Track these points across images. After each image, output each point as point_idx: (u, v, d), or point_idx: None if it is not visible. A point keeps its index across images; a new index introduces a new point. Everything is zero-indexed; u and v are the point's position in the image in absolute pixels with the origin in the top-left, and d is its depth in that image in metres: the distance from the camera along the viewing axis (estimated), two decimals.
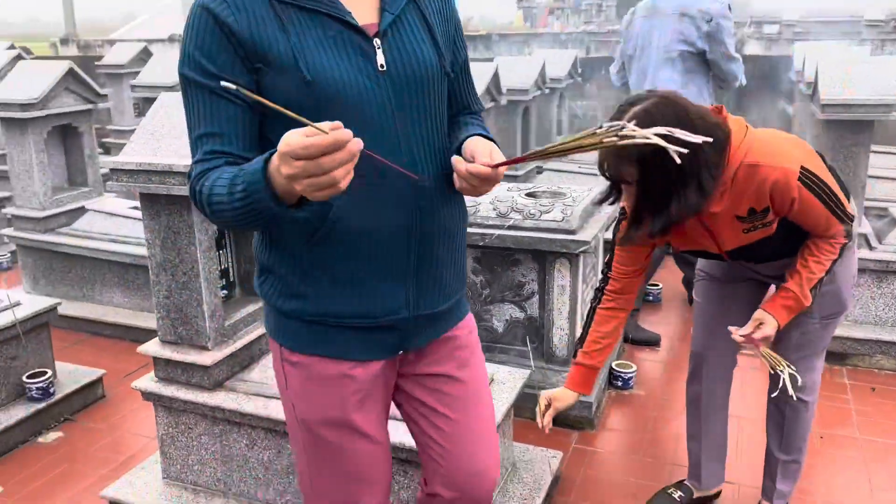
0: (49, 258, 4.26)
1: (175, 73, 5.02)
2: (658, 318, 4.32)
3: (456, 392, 1.55)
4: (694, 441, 2.55)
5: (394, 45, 1.31)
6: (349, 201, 1.27)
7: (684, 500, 2.58)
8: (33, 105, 4.05)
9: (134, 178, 2.30)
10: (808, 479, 2.76)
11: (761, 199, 1.87)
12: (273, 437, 2.42)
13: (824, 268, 1.96)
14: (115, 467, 2.90)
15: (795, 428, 2.34)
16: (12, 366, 3.17)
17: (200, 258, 2.39)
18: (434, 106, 1.37)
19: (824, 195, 1.87)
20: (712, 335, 2.35)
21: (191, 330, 2.47)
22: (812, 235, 1.97)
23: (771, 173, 1.82)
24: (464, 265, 1.55)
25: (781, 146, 1.89)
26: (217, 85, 1.22)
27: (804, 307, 2.00)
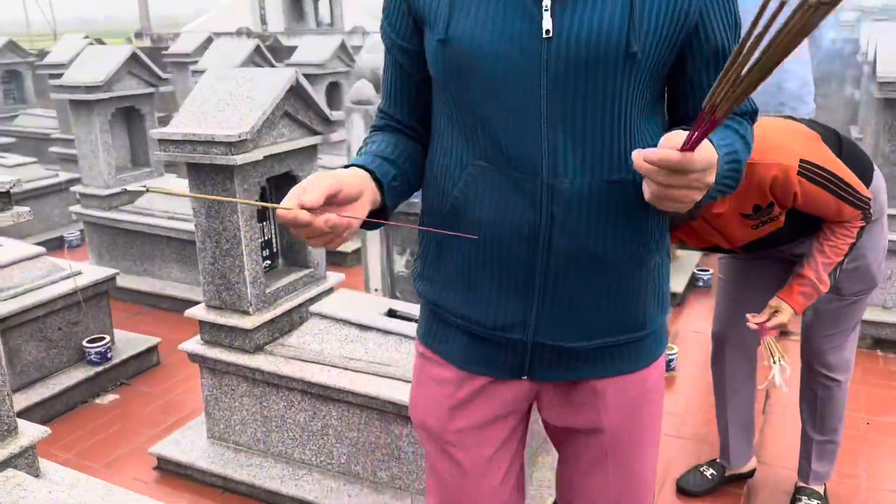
0: (112, 234, 4.48)
1: (235, 59, 5.12)
2: (710, 301, 4.26)
3: (592, 449, 1.30)
4: (722, 420, 2.52)
5: (570, 8, 1.03)
6: (475, 185, 1.13)
7: (716, 477, 2.56)
8: (98, 87, 4.26)
9: (180, 147, 2.42)
10: (852, 464, 2.69)
11: (763, 196, 1.84)
12: (309, 400, 2.51)
13: (842, 252, 1.91)
14: (165, 427, 3.05)
15: (828, 408, 2.29)
16: (74, 331, 3.37)
17: (242, 227, 2.49)
18: (610, 94, 1.06)
19: (830, 184, 1.82)
20: (735, 314, 2.30)
21: (233, 295, 2.58)
22: (826, 221, 1.92)
23: (768, 171, 1.78)
24: (637, 308, 1.19)
25: (777, 140, 1.84)
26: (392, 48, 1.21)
27: (821, 293, 1.96)
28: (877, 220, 2.03)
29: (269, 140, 2.48)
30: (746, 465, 2.57)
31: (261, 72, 2.59)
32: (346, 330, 2.57)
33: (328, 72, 6.37)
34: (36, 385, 3.17)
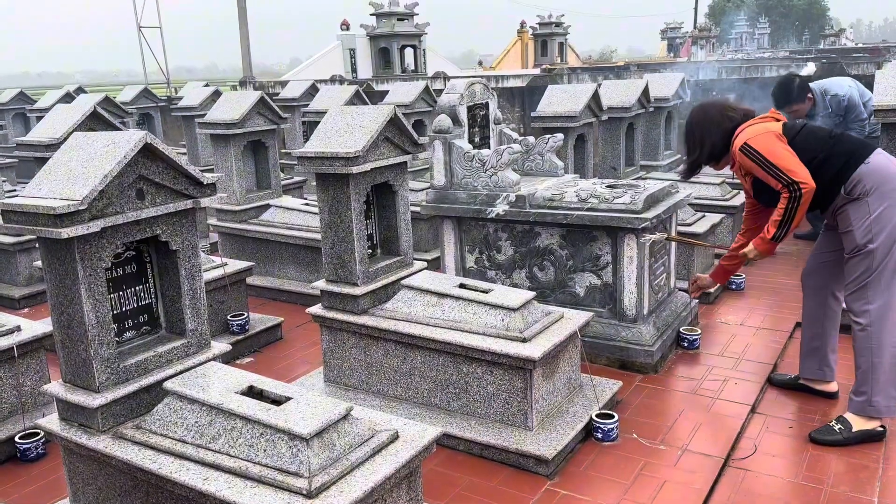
0: (242, 242, 5.54)
1: (339, 101, 6.19)
2: (740, 301, 4.91)
3: None
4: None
5: None
6: None
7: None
8: (235, 124, 5.36)
9: (312, 162, 3.37)
10: None
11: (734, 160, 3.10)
12: (400, 348, 3.38)
13: (780, 213, 2.97)
14: (290, 379, 3.97)
15: (856, 346, 3.09)
16: (220, 308, 4.38)
17: (354, 221, 3.41)
18: None
19: (760, 163, 2.96)
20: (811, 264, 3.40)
21: (346, 272, 3.49)
22: None
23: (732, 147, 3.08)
24: None
25: (749, 132, 3.05)
26: None
27: (767, 240, 3.05)
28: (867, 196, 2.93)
29: (374, 157, 3.40)
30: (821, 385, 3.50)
31: (369, 108, 3.53)
32: (428, 297, 3.44)
33: (414, 111, 7.38)
34: None
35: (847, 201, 2.98)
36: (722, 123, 3.17)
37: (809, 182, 2.88)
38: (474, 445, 3.14)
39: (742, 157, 3.04)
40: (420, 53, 21.04)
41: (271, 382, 2.49)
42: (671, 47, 35.75)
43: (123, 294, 2.60)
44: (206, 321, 2.75)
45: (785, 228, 2.98)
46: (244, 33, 21.27)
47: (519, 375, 3.11)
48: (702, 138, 3.25)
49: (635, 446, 3.15)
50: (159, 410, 2.46)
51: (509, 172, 4.14)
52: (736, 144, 3.08)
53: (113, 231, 2.39)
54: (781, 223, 2.97)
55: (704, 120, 3.25)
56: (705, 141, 3.23)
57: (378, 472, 2.20)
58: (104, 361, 2.43)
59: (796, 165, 2.90)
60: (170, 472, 2.23)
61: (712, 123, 3.21)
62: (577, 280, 4.07)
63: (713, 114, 3.22)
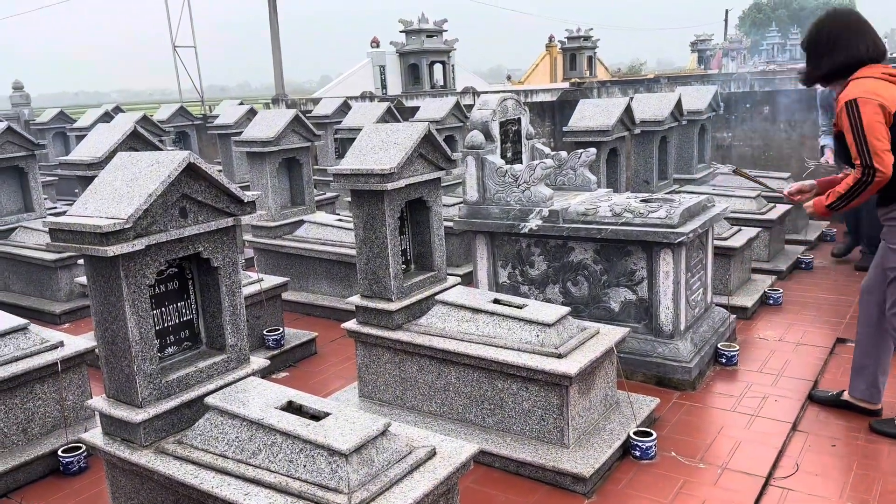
0: (276, 257, 5.61)
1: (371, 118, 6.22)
2: (777, 317, 4.83)
3: None
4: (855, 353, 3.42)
5: None
6: None
7: None
8: (270, 142, 5.45)
9: (348, 179, 3.41)
10: None
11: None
12: (435, 364, 3.39)
13: (845, 187, 2.96)
14: (325, 394, 3.99)
15: None
16: (256, 323, 4.43)
17: (389, 236, 3.44)
18: None
19: (854, 129, 2.84)
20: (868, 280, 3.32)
21: (381, 287, 3.52)
22: None
23: (843, 93, 2.95)
24: None
25: (863, 89, 2.88)
26: None
27: (823, 205, 3.09)
28: None
29: (408, 173, 3.43)
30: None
31: (403, 125, 3.57)
32: (462, 313, 3.44)
33: (445, 126, 7.43)
34: None
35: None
36: (857, 46, 2.94)
37: (887, 172, 2.85)
38: (510, 462, 3.12)
39: (843, 110, 2.90)
40: (449, 69, 21.19)
41: (310, 398, 2.51)
42: (701, 59, 35.50)
43: (166, 310, 2.65)
44: (246, 337, 2.79)
45: (844, 203, 2.97)
46: (276, 52, 21.60)
47: (555, 392, 3.09)
48: (832, 47, 2.97)
49: (674, 464, 3.11)
50: (200, 425, 2.50)
51: (542, 187, 4.14)
52: (847, 93, 2.90)
53: (157, 248, 2.44)
54: (843, 197, 2.96)
55: (842, 29, 2.99)
56: (835, 54, 2.97)
57: (417, 489, 2.20)
58: (147, 377, 2.48)
59: (883, 151, 2.85)
60: (211, 488, 2.25)
61: (851, 34, 2.96)
62: (612, 295, 4.05)
63: (854, 26, 2.97)
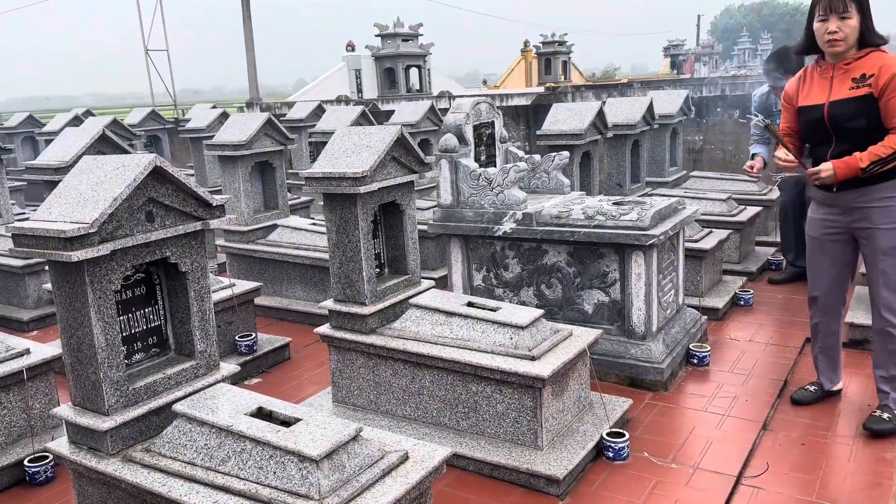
0: (249, 262, 5.56)
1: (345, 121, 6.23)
2: (748, 317, 4.88)
3: None
4: (814, 355, 3.61)
5: None
6: None
7: (818, 392, 3.61)
8: (242, 146, 5.40)
9: (320, 182, 3.38)
10: None
11: (873, 67, 2.98)
12: (409, 368, 3.37)
13: (887, 152, 2.96)
14: (298, 400, 3.96)
15: None
16: (228, 329, 4.38)
17: (362, 240, 3.42)
18: None
19: None
20: (816, 279, 3.44)
21: (354, 291, 3.49)
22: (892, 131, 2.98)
23: (887, 59, 2.98)
24: None
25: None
26: None
27: (857, 168, 3.00)
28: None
29: (381, 176, 3.41)
30: (836, 386, 3.64)
31: (376, 128, 3.55)
32: (436, 316, 3.43)
33: (420, 130, 7.42)
34: None
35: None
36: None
37: None
38: (484, 465, 3.12)
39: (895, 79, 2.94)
40: (425, 73, 21.21)
41: (281, 404, 2.49)
42: (674, 64, 35.94)
43: (133, 316, 2.61)
44: (216, 343, 2.75)
45: (880, 166, 2.98)
46: (251, 55, 21.47)
47: (528, 394, 3.10)
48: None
49: (646, 465, 3.13)
50: (169, 433, 2.46)
51: (516, 190, 4.15)
52: (890, 60, 2.97)
53: (122, 253, 2.40)
54: (882, 160, 2.97)
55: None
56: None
57: (388, 494, 2.19)
58: (113, 384, 2.44)
59: None
60: (180, 496, 2.22)
61: None
62: (585, 297, 4.06)
63: None
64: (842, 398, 3.63)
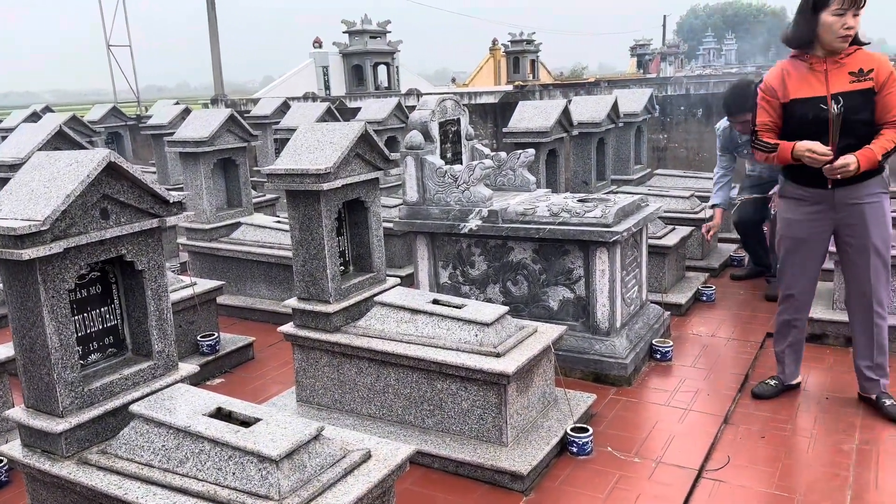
0: (212, 261, 5.47)
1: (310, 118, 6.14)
2: (710, 313, 4.95)
3: None
4: (779, 350, 3.65)
5: None
6: None
7: (778, 386, 3.67)
8: (204, 142, 5.31)
9: (283, 179, 3.34)
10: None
11: (869, 63, 3.07)
12: (374, 366, 3.35)
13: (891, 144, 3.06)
14: (261, 400, 3.91)
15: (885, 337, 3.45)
16: (190, 328, 4.31)
17: (325, 238, 3.39)
18: None
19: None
20: (795, 278, 3.45)
21: (318, 289, 3.46)
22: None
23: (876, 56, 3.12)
24: None
25: None
26: None
27: (875, 161, 3.06)
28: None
29: (345, 173, 3.38)
30: (796, 380, 3.72)
31: (340, 124, 3.52)
32: (401, 314, 3.42)
33: (387, 128, 7.38)
34: None
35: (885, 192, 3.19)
36: None
37: None
38: (449, 463, 3.11)
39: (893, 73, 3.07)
40: (393, 70, 21.15)
41: (240, 404, 2.45)
42: (640, 64, 36.35)
43: (88, 316, 2.55)
44: (174, 342, 2.70)
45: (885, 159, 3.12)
46: (215, 51, 21.18)
47: (493, 391, 3.10)
48: None
49: (610, 459, 3.15)
50: (125, 434, 2.41)
51: (481, 188, 4.14)
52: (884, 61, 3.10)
53: (76, 252, 2.34)
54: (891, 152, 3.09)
55: None
56: None
57: (350, 493, 2.17)
58: (68, 385, 2.38)
59: None
60: (136, 498, 2.17)
61: None
62: (551, 294, 4.08)
63: None
64: (800, 391, 3.69)
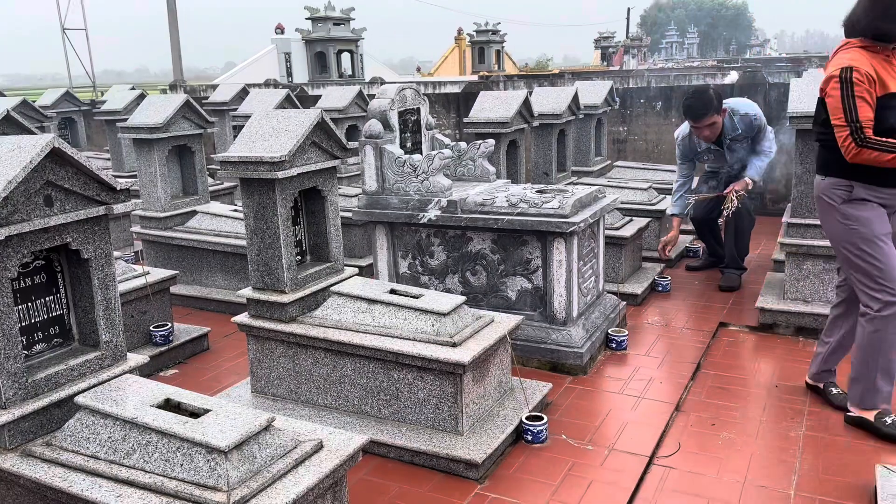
0: (167, 250, 5.38)
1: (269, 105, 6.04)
2: (665, 303, 5.02)
3: None
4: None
5: None
6: None
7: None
8: (158, 128, 5.20)
9: (236, 167, 3.29)
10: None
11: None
12: (330, 356, 3.33)
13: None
14: (216, 391, 3.86)
15: None
16: (142, 319, 4.23)
17: (281, 226, 3.35)
18: None
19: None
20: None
21: (273, 279, 3.42)
22: None
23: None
24: None
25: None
26: None
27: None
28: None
29: (301, 161, 3.34)
30: None
31: (295, 112, 3.48)
32: (358, 304, 3.40)
33: (348, 116, 7.32)
34: None
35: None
36: None
37: None
38: (405, 452, 3.11)
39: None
40: (357, 58, 20.96)
41: (189, 395, 2.41)
42: (604, 56, 36.60)
43: (32, 305, 2.48)
44: (122, 332, 2.65)
45: None
46: (174, 35, 20.74)
47: (449, 380, 3.10)
48: None
49: (564, 447, 3.18)
50: (70, 426, 2.35)
51: (440, 177, 4.14)
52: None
53: (19, 239, 2.28)
54: None
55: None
56: None
57: (300, 484, 2.15)
58: (10, 376, 2.31)
59: None
60: (80, 490, 2.13)
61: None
62: (509, 284, 4.10)
63: None
64: (752, 380, 3.78)
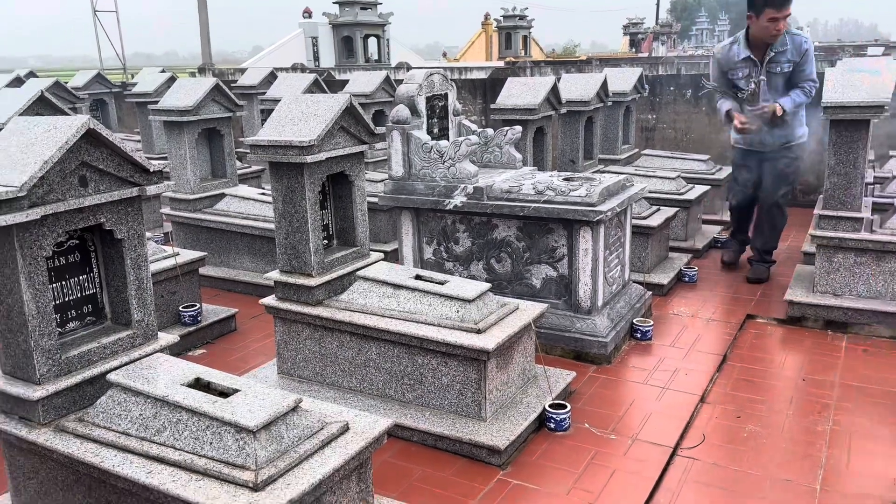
0: (196, 231, 5.44)
1: (297, 90, 6.03)
2: (692, 293, 4.98)
3: None
4: None
5: None
6: None
7: None
8: (189, 111, 5.25)
9: (266, 151, 3.31)
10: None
11: None
12: (355, 340, 3.36)
13: None
14: (243, 371, 3.91)
15: None
16: (172, 299, 4.29)
17: (309, 210, 3.37)
18: None
19: None
20: None
21: (301, 262, 3.45)
22: None
23: None
24: None
25: None
26: None
27: None
28: None
29: (329, 146, 3.36)
30: None
31: (324, 96, 3.49)
32: (383, 288, 3.42)
33: (374, 101, 7.32)
34: None
35: None
36: None
37: None
38: (428, 437, 3.13)
39: None
40: (384, 43, 20.90)
41: (219, 374, 2.45)
42: (633, 43, 36.12)
43: (66, 284, 2.53)
44: (153, 312, 2.69)
45: None
46: (203, 19, 20.87)
47: (473, 366, 3.11)
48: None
49: (587, 436, 3.18)
50: (103, 403, 2.40)
51: (467, 164, 4.13)
52: None
53: (54, 219, 2.32)
54: None
55: None
56: None
57: (326, 464, 2.18)
58: (45, 353, 2.37)
59: None
60: (112, 466, 2.18)
61: None
62: (534, 272, 4.09)
63: None
64: (779, 374, 3.74)
